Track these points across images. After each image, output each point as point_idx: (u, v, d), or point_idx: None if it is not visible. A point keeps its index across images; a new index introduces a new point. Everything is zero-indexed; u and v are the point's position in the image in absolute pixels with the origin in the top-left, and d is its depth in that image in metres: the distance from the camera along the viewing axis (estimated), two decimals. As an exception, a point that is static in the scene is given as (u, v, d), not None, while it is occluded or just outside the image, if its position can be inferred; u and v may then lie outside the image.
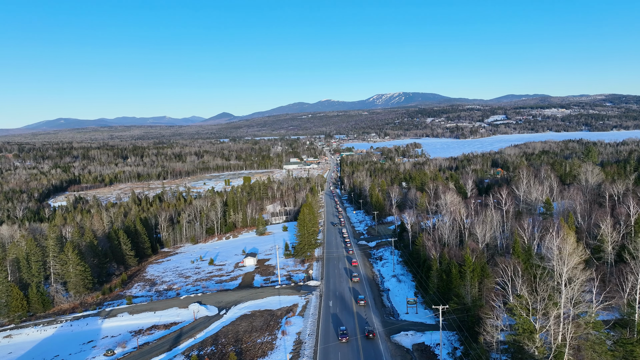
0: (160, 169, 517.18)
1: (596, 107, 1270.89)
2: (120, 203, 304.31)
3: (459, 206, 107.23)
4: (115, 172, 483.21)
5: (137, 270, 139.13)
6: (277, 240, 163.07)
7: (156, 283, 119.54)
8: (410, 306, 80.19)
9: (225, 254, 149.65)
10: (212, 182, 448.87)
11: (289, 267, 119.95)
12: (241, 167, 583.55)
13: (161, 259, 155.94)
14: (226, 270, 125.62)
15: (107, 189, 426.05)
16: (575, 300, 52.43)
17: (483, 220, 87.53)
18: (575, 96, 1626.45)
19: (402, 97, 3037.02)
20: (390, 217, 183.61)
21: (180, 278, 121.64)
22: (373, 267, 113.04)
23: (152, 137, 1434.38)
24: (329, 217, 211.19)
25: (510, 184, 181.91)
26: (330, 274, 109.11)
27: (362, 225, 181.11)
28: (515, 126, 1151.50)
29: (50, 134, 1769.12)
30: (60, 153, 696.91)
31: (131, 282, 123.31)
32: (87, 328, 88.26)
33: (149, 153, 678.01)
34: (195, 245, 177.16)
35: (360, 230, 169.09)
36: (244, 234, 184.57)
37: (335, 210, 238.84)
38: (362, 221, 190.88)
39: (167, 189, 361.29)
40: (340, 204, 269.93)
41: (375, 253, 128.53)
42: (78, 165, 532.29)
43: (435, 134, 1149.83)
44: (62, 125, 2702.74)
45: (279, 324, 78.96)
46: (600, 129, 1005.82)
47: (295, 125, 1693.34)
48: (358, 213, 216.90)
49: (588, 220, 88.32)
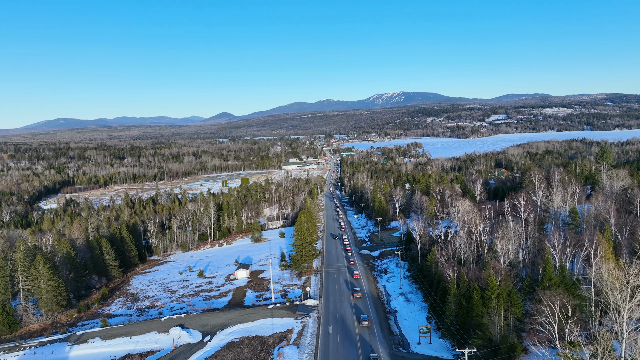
0: (156, 170, 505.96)
1: (597, 106, 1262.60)
2: (112, 206, 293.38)
3: (473, 214, 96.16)
4: (110, 173, 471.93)
5: (121, 283, 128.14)
6: (273, 248, 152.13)
7: (139, 299, 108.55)
8: (423, 335, 69.04)
9: (217, 264, 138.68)
10: (209, 183, 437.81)
11: (284, 281, 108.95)
12: (239, 168, 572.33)
13: (149, 269, 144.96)
14: (216, 283, 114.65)
15: (101, 190, 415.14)
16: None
17: (503, 233, 76.38)
18: (575, 95, 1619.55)
19: (402, 97, 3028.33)
20: (394, 223, 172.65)
21: (165, 293, 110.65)
22: (377, 282, 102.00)
23: (151, 137, 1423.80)
24: (329, 221, 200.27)
25: (523, 187, 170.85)
26: (329, 291, 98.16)
27: (364, 231, 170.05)
28: (516, 125, 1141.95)
29: (49, 134, 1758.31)
30: (56, 153, 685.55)
31: (112, 297, 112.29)
32: (52, 357, 77.25)
33: (146, 153, 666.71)
34: (187, 253, 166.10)
35: (362, 237, 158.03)
36: (238, 241, 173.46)
37: (335, 213, 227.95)
38: (363, 227, 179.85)
39: (162, 191, 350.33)
40: (340, 206, 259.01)
41: (379, 264, 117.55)
42: (73, 166, 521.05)
43: (436, 133, 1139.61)
44: (61, 125, 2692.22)
45: (271, 355, 68.01)
46: (602, 128, 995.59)
47: (295, 125, 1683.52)
48: (359, 217, 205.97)
49: (628, 233, 77.18)
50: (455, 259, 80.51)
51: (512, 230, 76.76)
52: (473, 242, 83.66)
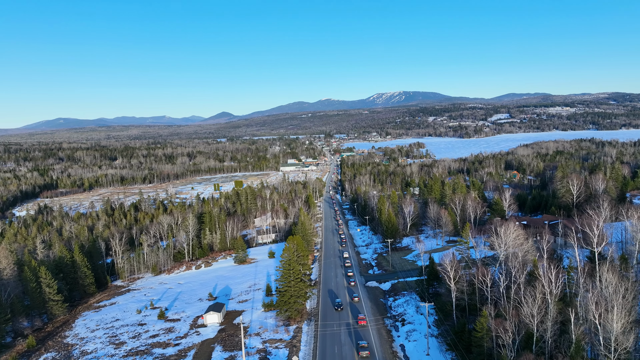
0: (147, 172, 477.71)
1: (601, 105, 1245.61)
2: (89, 213, 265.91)
3: (527, 246, 68.67)
4: (97, 176, 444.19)
5: (62, 325, 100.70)
6: (260, 273, 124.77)
7: (72, 356, 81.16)
8: None
9: (188, 297, 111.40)
10: (201, 186, 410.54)
11: (266, 333, 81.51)
12: (235, 169, 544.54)
13: (105, 301, 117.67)
14: (178, 332, 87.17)
15: (85, 194, 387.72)
16: None
17: (599, 295, 48.57)
18: (577, 94, 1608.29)
19: (402, 96, 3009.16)
20: (405, 240, 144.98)
21: (109, 347, 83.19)
22: (392, 339, 74.44)
23: (149, 136, 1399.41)
24: (328, 235, 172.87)
25: (558, 197, 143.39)
26: (326, 352, 70.79)
27: (369, 250, 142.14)
28: (520, 125, 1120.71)
29: (46, 134, 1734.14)
30: (45, 154, 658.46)
31: (38, 353, 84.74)
32: None
33: (139, 154, 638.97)
34: (157, 277, 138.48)
35: (368, 260, 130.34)
36: (220, 262, 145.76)
37: (335, 223, 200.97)
38: (369, 244, 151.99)
39: (148, 196, 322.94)
40: (340, 214, 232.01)
41: (392, 305, 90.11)
42: (59, 168, 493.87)
43: (438, 133, 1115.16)
44: (61, 125, 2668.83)
45: None
46: (608, 128, 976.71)
47: (295, 124, 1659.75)
48: (363, 231, 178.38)
49: None
50: (527, 333, 51.84)
51: (613, 289, 48.49)
52: (538, 294, 55.93)
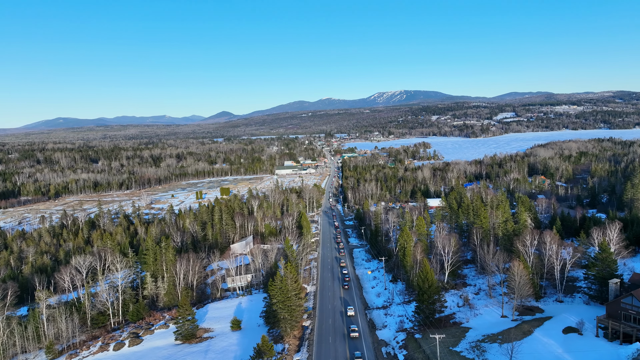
0: (125, 177, 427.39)
1: (609, 104, 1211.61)
2: (32, 232, 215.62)
3: None
4: (66, 182, 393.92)
5: None
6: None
7: None
8: None
9: None
10: (183, 193, 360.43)
11: None
12: (226, 173, 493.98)
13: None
14: None
15: (48, 203, 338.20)
16: None
17: None
18: (580, 93, 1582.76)
19: (403, 95, 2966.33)
20: (448, 300, 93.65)
21: None
22: None
23: (146, 136, 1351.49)
24: (325, 279, 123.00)
25: None
26: None
27: (390, 322, 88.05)
28: (527, 124, 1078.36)
29: (43, 134, 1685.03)
30: (22, 155, 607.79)
31: None
32: None
33: (122, 156, 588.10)
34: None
35: (389, 343, 79.85)
36: (156, 334, 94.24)
37: (336, 250, 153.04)
38: (387, 305, 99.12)
39: (113, 208, 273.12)
40: (342, 235, 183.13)
41: None
42: (28, 172, 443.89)
43: (442, 132, 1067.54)
44: (60, 124, 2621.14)
45: None
46: (620, 127, 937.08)
47: (295, 123, 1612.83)
48: (375, 272, 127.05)
49: None
50: None
51: None
52: None
